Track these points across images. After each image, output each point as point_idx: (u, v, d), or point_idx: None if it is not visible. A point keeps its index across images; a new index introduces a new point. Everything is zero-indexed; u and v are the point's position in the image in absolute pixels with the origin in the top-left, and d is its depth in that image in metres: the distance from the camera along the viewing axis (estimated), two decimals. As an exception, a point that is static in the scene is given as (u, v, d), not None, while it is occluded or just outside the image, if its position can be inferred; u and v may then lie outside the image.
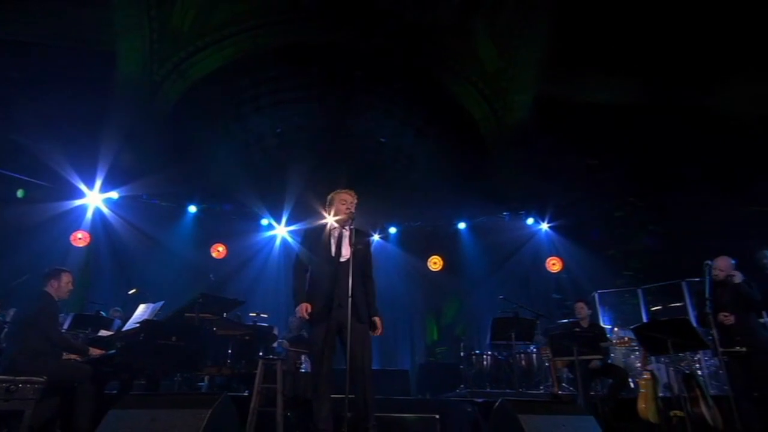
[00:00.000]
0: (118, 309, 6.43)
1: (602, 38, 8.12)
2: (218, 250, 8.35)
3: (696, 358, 6.54)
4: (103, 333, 4.58)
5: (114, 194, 7.98)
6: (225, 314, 4.70)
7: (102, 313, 5.92)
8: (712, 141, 8.01)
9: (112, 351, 3.88)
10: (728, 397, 4.26)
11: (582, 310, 5.80)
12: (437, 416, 4.61)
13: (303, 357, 5.64)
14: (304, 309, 3.22)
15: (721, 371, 5.87)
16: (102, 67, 8.26)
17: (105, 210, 7.95)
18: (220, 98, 8.79)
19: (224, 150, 8.89)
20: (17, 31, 7.65)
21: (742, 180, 8.27)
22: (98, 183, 7.79)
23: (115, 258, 7.75)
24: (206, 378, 5.40)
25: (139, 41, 8.11)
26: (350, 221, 3.33)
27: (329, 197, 3.54)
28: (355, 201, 3.47)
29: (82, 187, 7.71)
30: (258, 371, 4.29)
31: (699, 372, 6.24)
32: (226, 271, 8.14)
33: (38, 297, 3.81)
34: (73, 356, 3.87)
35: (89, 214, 7.72)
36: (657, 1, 7.67)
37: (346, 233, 3.32)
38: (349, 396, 2.89)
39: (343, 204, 3.41)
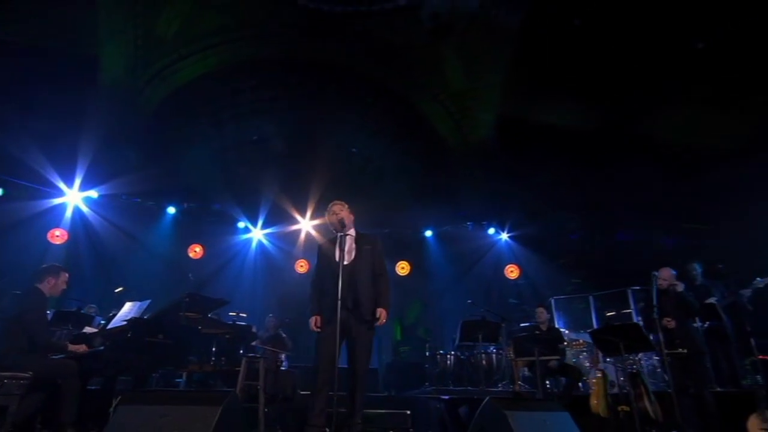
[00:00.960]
0: (93, 306, 6.57)
1: (558, 66, 8.93)
2: (195, 251, 8.61)
3: (636, 358, 7.25)
4: (88, 330, 4.62)
5: (93, 193, 8.13)
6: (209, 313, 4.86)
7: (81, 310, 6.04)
8: (650, 163, 8.97)
9: (101, 348, 3.93)
10: (666, 392, 4.81)
11: (542, 314, 6.27)
12: (408, 412, 5.14)
13: (283, 356, 5.96)
14: (314, 322, 3.48)
15: (659, 369, 6.62)
16: (83, 68, 8.47)
17: (84, 208, 8.08)
18: (200, 104, 9.12)
19: (202, 154, 9.21)
20: (-3, 30, 7.76)
21: (678, 199, 9.24)
22: (77, 182, 7.95)
23: (93, 256, 7.86)
24: (184, 375, 5.58)
25: (123, 46, 8.37)
26: (344, 227, 3.59)
27: (326, 215, 3.84)
28: (345, 206, 3.75)
29: (62, 185, 7.84)
30: (241, 369, 4.54)
31: (633, 369, 6.97)
32: (204, 271, 8.38)
33: (27, 294, 3.81)
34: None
35: (68, 213, 7.84)
36: (606, 35, 8.55)
37: (348, 239, 3.58)
38: (340, 393, 3.10)
39: (334, 214, 3.70)
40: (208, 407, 2.42)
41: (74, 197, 8.06)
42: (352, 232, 3.68)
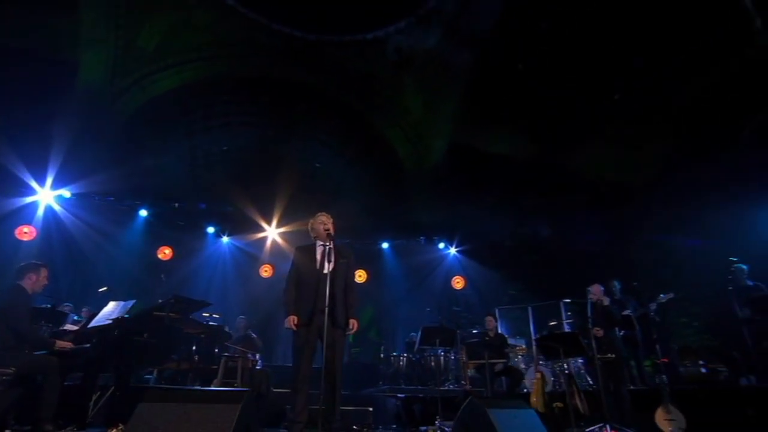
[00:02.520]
0: (68, 304, 6.68)
1: (503, 103, 10.24)
2: (164, 252, 8.95)
3: (566, 361, 8.26)
4: (69, 327, 4.73)
5: (66, 192, 8.33)
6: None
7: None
8: (577, 191, 10.41)
9: (87, 345, 4.01)
10: (589, 391, 5.64)
11: (491, 322, 6.89)
12: (371, 409, 5.68)
13: (257, 355, 6.22)
14: (291, 321, 3.61)
15: (582, 371, 7.62)
16: (60, 71, 8.71)
17: (57, 207, 8.26)
18: (174, 113, 9.60)
19: (173, 160, 9.66)
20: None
21: (599, 224, 10.69)
22: (49, 180, 8.13)
23: (66, 255, 7.99)
24: (155, 372, 5.74)
25: (103, 54, 8.74)
26: (330, 238, 3.75)
27: (311, 221, 4.03)
28: (331, 221, 3.93)
29: (33, 184, 8.01)
30: (220, 367, 4.80)
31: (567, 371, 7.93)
32: (176, 272, 8.71)
33: (10, 291, 3.84)
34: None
35: (40, 211, 7.99)
36: (544, 80, 9.94)
37: (328, 249, 3.73)
38: (313, 391, 3.35)
39: (322, 224, 3.88)
40: (228, 405, 2.50)
41: (46, 196, 8.22)
42: (332, 244, 3.79)
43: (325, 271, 3.60)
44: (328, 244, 3.74)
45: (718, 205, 8.26)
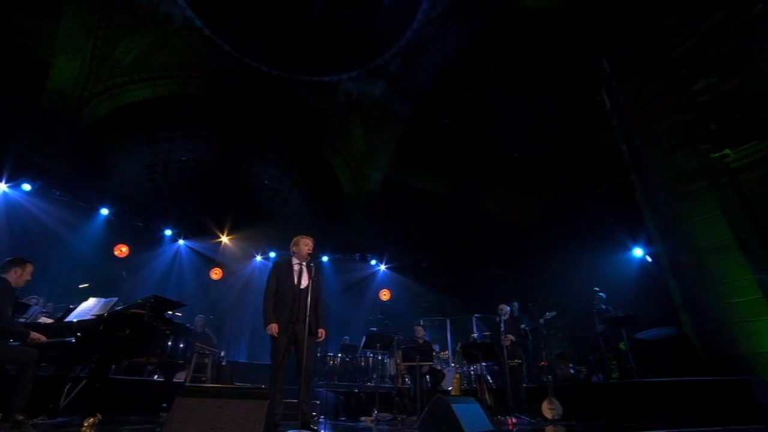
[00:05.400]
0: (35, 297, 6.60)
1: (430, 148, 12.37)
2: (121, 250, 9.37)
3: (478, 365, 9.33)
4: (44, 320, 4.78)
5: (26, 186, 8.54)
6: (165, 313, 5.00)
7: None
8: (485, 225, 12.74)
9: (62, 339, 4.09)
10: (493, 389, 6.76)
11: (420, 331, 7.92)
12: (318, 402, 6.39)
13: (222, 353, 6.86)
14: (273, 329, 3.94)
15: (484, 372, 9.04)
16: (28, 70, 9.13)
17: (13, 199, 8.37)
18: (140, 122, 10.33)
19: (133, 165, 10.32)
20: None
21: (495, 254, 13.04)
22: (5, 173, 8.38)
23: (27, 247, 7.97)
24: (113, 366, 5.73)
25: (78, 60, 9.31)
26: (310, 258, 4.23)
27: (295, 239, 4.41)
28: (313, 244, 4.36)
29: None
30: (192, 363, 5.24)
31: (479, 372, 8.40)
32: (133, 271, 9.07)
33: None
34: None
35: None
36: (463, 134, 12.24)
37: (305, 268, 4.21)
38: (292, 387, 3.81)
39: (306, 246, 4.32)
40: (257, 401, 2.70)
41: (1, 186, 8.35)
42: (312, 263, 4.25)
43: (303, 286, 4.10)
44: (305, 263, 4.22)
45: (584, 248, 10.39)
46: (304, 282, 4.13)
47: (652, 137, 6.89)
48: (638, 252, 9.29)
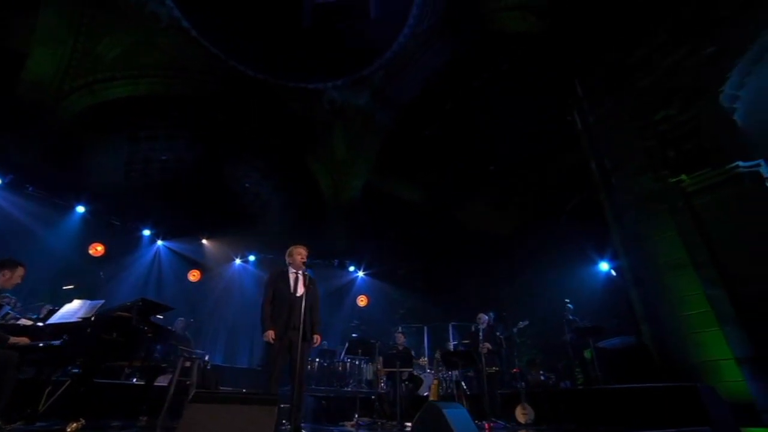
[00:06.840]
0: (8, 296, 6.45)
1: (410, 158, 12.71)
2: (96, 249, 9.15)
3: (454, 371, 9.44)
4: (23, 322, 4.59)
5: None
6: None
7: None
8: (462, 237, 13.11)
9: (43, 342, 3.94)
10: (470, 394, 6.98)
11: (400, 337, 8.19)
12: None
13: (207, 356, 6.82)
14: (270, 335, 4.07)
15: (464, 378, 9.28)
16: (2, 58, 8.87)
17: None
18: (122, 119, 10.19)
19: (112, 162, 10.16)
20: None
21: (475, 264, 13.41)
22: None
23: None
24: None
25: (59, 53, 9.14)
26: (305, 267, 4.36)
27: (289, 249, 4.51)
28: (307, 253, 4.46)
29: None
30: (178, 366, 5.19)
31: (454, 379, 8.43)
32: (110, 271, 8.90)
33: None
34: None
35: None
36: (443, 146, 12.59)
37: (301, 276, 4.35)
38: (286, 389, 3.87)
39: (299, 255, 4.43)
40: (268, 407, 2.76)
41: None
42: (306, 272, 4.39)
43: (298, 294, 4.26)
44: (300, 271, 4.38)
45: (555, 260, 10.89)
46: (300, 290, 4.29)
47: (620, 159, 7.36)
48: (604, 266, 9.78)
